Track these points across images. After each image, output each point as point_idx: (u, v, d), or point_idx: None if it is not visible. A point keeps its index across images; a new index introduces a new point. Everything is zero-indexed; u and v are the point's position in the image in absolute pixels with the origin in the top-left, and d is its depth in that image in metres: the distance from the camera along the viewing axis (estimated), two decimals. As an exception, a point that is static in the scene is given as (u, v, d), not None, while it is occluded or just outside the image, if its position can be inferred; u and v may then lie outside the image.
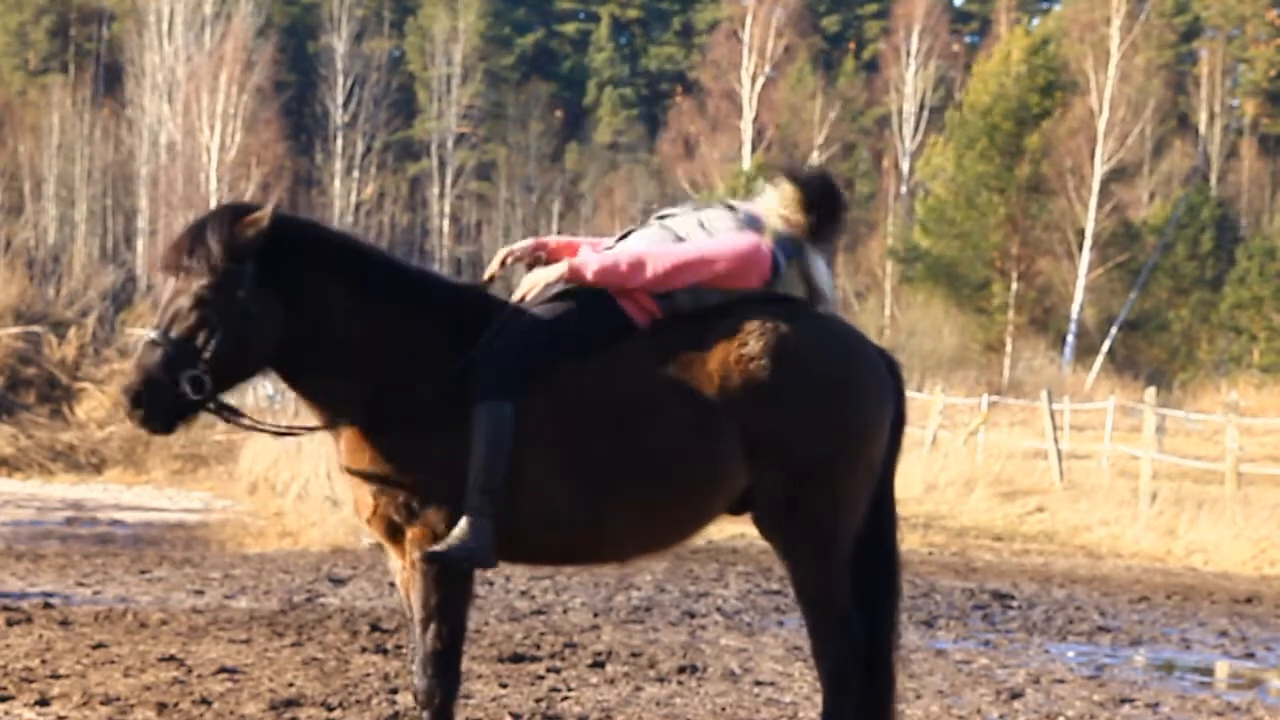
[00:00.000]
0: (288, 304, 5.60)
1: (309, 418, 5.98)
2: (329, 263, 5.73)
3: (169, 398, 5.52)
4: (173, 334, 5.51)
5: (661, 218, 6.19)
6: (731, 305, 5.96)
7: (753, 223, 6.06)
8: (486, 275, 6.15)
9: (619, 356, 5.82)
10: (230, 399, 5.92)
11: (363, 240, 6.08)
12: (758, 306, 5.93)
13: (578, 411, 5.74)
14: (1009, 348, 61.01)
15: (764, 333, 5.80)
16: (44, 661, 8.40)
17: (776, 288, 6.03)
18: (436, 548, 5.59)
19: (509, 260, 6.15)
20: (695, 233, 6.02)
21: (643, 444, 5.73)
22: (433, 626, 5.66)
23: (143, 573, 12.48)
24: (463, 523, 5.57)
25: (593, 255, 5.93)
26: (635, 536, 5.93)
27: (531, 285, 5.95)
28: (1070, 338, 62.44)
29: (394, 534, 5.72)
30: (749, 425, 5.74)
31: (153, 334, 5.53)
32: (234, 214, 5.61)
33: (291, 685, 7.98)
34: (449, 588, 5.66)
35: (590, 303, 5.88)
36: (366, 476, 5.68)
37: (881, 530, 6.08)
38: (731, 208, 6.15)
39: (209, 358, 5.51)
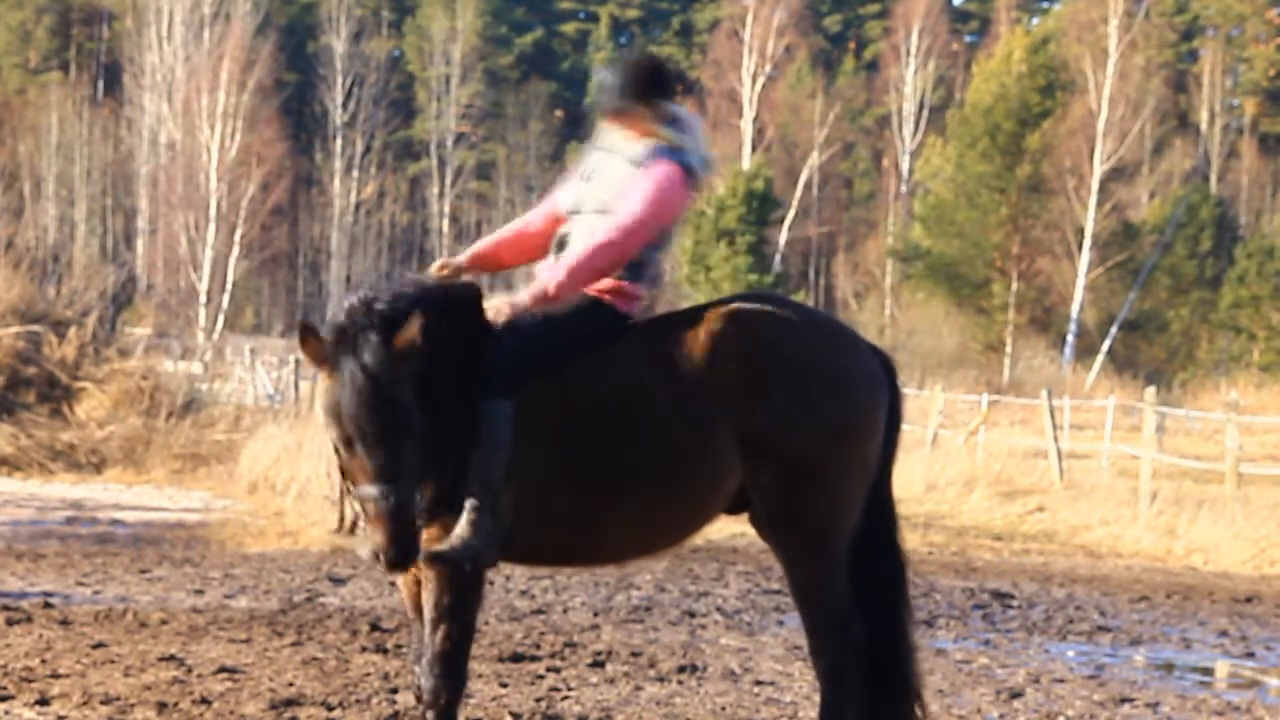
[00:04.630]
0: None
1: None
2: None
3: (418, 532, 5.47)
4: (394, 480, 5.36)
5: (586, 178, 6.13)
6: (723, 303, 5.99)
7: (647, 156, 6.03)
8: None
9: (611, 354, 5.83)
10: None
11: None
12: (750, 304, 5.95)
13: (571, 410, 5.75)
14: (1009, 347, 61.06)
15: (755, 330, 5.81)
16: (44, 661, 8.40)
17: (697, 184, 6.04)
18: (439, 547, 5.59)
19: (445, 271, 6.12)
20: (612, 199, 5.97)
21: (635, 443, 5.74)
22: (443, 627, 5.67)
23: (143, 572, 12.48)
24: (463, 520, 5.58)
25: (547, 275, 5.89)
26: (630, 536, 5.93)
27: (498, 313, 5.85)
28: (1070, 337, 62.48)
29: None
30: (740, 423, 5.75)
31: (377, 490, 5.35)
32: (385, 346, 5.43)
33: (291, 685, 7.98)
34: (461, 589, 5.67)
35: (582, 302, 5.89)
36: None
37: (884, 528, 6.09)
38: (624, 157, 6.07)
39: (418, 477, 5.46)
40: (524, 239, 6.25)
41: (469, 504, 5.57)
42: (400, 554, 5.38)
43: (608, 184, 6.00)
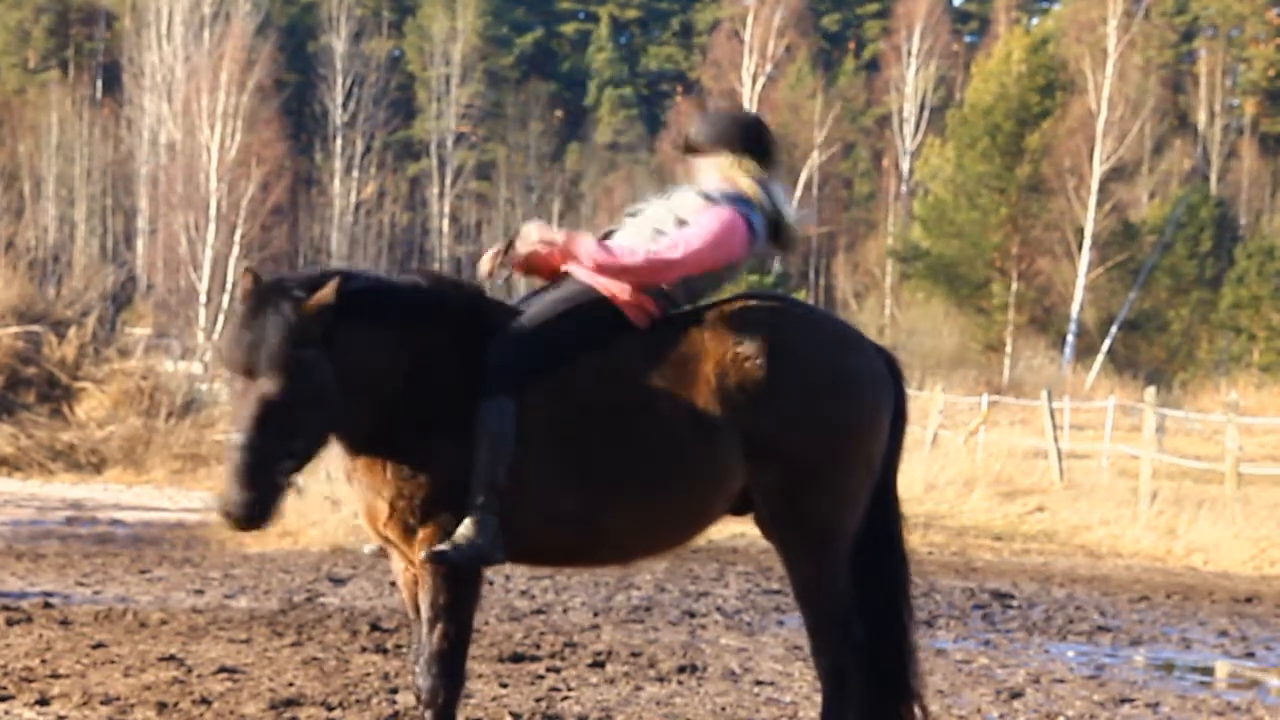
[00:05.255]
0: (331, 360, 5.53)
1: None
2: (355, 310, 5.64)
3: (275, 498, 5.45)
4: (262, 435, 5.38)
5: (632, 214, 6.17)
6: (727, 303, 5.98)
7: (721, 197, 6.04)
8: (483, 274, 6.16)
9: (616, 355, 5.82)
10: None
11: (361, 270, 5.93)
12: (754, 305, 5.95)
13: (576, 411, 5.74)
14: (1009, 347, 61.08)
15: (760, 331, 5.81)
16: (44, 661, 8.39)
17: (757, 246, 6.03)
18: (442, 547, 5.58)
19: (498, 260, 6.12)
20: (669, 223, 6.00)
21: (640, 444, 5.73)
22: (439, 626, 5.66)
23: (143, 572, 12.48)
24: (467, 521, 5.58)
25: (592, 243, 5.92)
26: (634, 537, 5.92)
27: (524, 238, 5.93)
28: (1070, 337, 62.49)
29: (408, 537, 5.71)
30: (746, 424, 5.74)
31: (242, 438, 5.38)
32: (296, 300, 5.46)
33: (291, 685, 7.98)
34: (458, 588, 5.66)
35: (589, 303, 5.89)
36: (384, 484, 5.68)
37: (887, 528, 6.09)
38: (697, 190, 6.13)
39: (299, 446, 5.46)
40: None
41: (473, 504, 5.57)
42: (245, 511, 5.36)
43: (675, 205, 6.03)
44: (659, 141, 75.90)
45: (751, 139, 6.16)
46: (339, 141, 74.67)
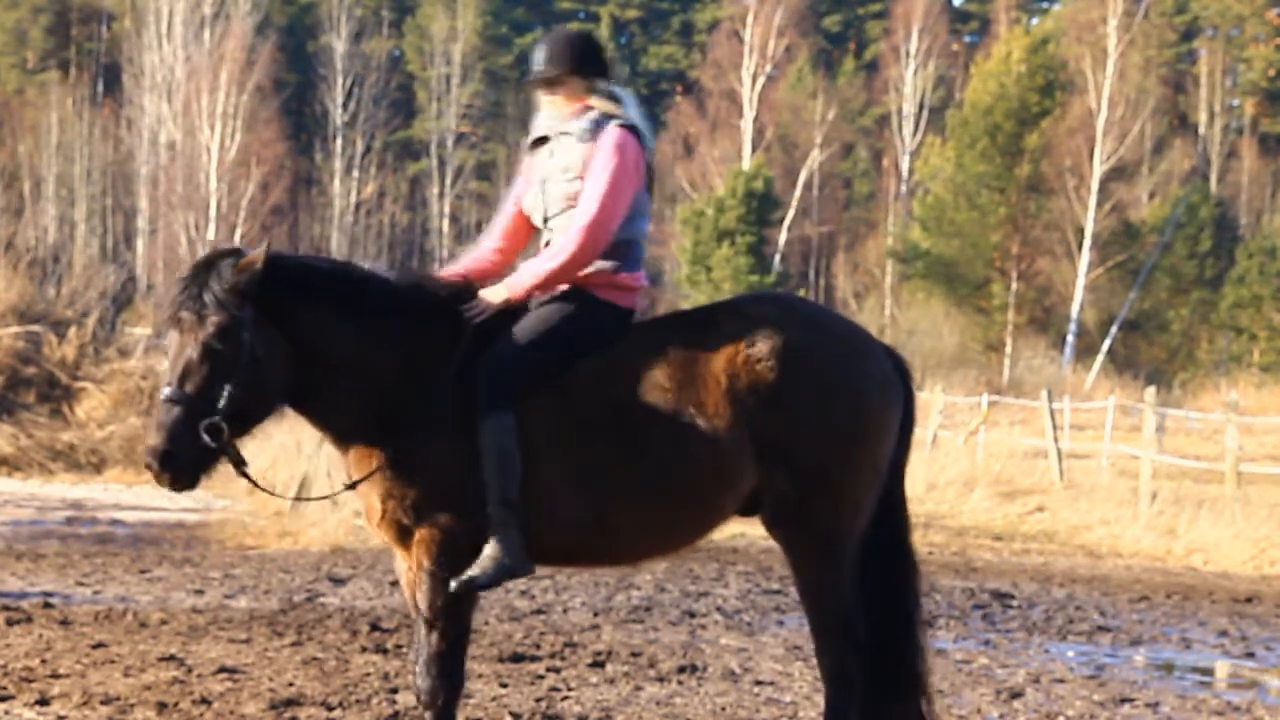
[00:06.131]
0: (290, 339, 5.62)
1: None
2: (322, 292, 5.72)
3: (194, 453, 5.53)
4: (187, 388, 5.51)
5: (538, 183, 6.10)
6: (737, 305, 5.98)
7: (589, 128, 6.01)
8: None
9: (622, 356, 5.81)
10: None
11: (352, 265, 6.00)
12: (764, 306, 5.94)
13: (582, 414, 5.73)
14: (1009, 347, 61.07)
15: (770, 334, 5.79)
16: (44, 661, 8.40)
17: (647, 142, 6.03)
18: (471, 573, 5.59)
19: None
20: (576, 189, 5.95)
21: (647, 445, 5.73)
22: (438, 628, 5.67)
23: (143, 572, 12.48)
24: (491, 541, 5.58)
25: (523, 269, 5.92)
26: (642, 537, 5.91)
27: (479, 312, 5.88)
28: (1070, 337, 62.47)
29: (403, 537, 5.72)
30: (755, 426, 5.73)
31: (167, 391, 5.52)
32: (228, 260, 5.60)
33: (291, 685, 7.98)
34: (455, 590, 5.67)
35: (577, 302, 5.88)
36: (375, 482, 5.68)
37: (895, 529, 6.08)
38: (569, 137, 6.06)
39: (224, 406, 5.51)
40: (490, 262, 6.23)
41: (492, 523, 5.57)
42: (155, 460, 5.48)
43: (565, 175, 5.99)
44: (659, 141, 75.81)
45: (586, 56, 6.11)
46: (339, 141, 74.64)
